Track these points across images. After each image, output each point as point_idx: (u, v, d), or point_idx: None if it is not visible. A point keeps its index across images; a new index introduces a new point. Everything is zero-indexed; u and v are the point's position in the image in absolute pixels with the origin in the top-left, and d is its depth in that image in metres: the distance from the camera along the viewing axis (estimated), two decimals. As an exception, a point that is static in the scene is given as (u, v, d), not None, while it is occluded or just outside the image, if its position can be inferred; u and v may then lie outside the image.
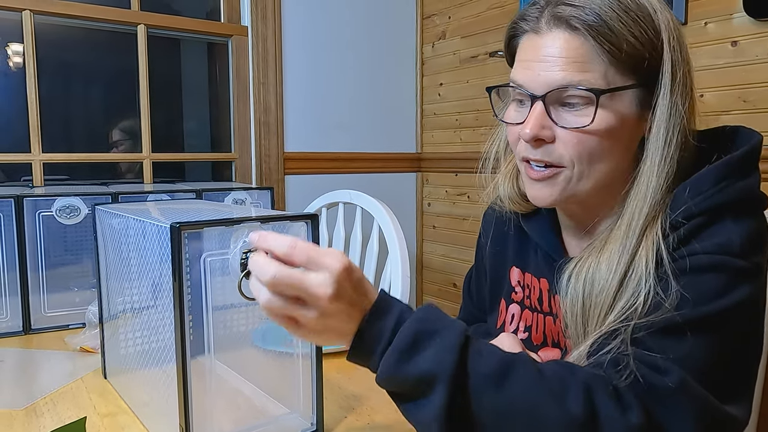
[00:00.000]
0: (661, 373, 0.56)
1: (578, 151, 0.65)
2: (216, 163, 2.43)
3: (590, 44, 0.63)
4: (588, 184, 0.68)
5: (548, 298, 0.78)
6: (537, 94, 0.65)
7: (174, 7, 2.38)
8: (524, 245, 0.83)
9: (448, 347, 0.53)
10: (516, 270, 0.84)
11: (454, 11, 2.46)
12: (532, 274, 0.81)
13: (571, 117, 0.65)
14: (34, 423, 0.75)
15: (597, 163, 0.66)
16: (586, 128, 0.64)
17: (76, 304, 1.20)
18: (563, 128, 0.65)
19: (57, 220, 1.19)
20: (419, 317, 0.55)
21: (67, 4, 1.89)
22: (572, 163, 0.66)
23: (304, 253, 0.53)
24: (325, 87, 2.38)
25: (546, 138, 0.66)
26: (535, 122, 0.65)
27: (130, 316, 0.79)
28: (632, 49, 0.63)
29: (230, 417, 0.68)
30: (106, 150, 2.23)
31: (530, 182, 0.71)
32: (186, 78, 2.68)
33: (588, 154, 0.65)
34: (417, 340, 0.54)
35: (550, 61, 0.64)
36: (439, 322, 0.56)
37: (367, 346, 0.55)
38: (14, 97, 1.96)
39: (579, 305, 0.67)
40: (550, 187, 0.69)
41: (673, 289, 0.59)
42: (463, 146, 2.47)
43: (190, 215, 0.67)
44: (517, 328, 0.82)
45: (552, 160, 0.67)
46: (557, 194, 0.69)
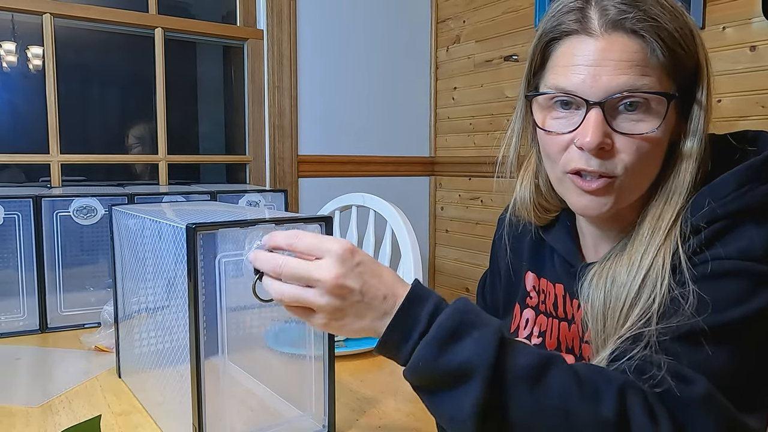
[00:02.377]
0: (687, 383, 0.55)
1: (635, 158, 0.62)
2: (230, 165, 2.45)
3: (648, 49, 0.61)
4: (637, 192, 0.66)
5: (563, 303, 0.77)
6: (593, 100, 0.61)
7: (191, 10, 2.40)
8: (540, 250, 0.82)
9: (487, 340, 0.53)
10: (531, 275, 0.83)
11: (468, 15, 2.46)
12: (548, 280, 0.80)
13: (630, 124, 0.62)
14: (49, 420, 0.76)
15: (647, 170, 0.65)
16: (647, 134, 0.61)
17: (91, 304, 1.21)
18: (623, 135, 0.62)
19: (74, 221, 1.20)
20: (458, 308, 0.55)
21: (85, 8, 1.92)
22: (625, 170, 0.63)
23: (305, 241, 0.55)
24: (340, 90, 2.39)
25: (606, 146, 0.62)
26: (598, 130, 0.61)
27: (145, 316, 0.79)
28: (683, 57, 0.62)
29: (242, 418, 0.68)
30: (122, 152, 2.26)
31: (580, 194, 0.66)
32: (201, 81, 2.71)
33: (643, 162, 0.63)
34: (457, 330, 0.53)
35: (611, 66, 0.61)
36: (478, 315, 0.55)
37: (401, 334, 0.55)
38: (34, 99, 1.99)
39: (599, 308, 0.66)
40: (605, 197, 0.65)
41: (693, 294, 0.58)
42: (477, 150, 2.46)
43: (205, 216, 0.67)
44: (531, 333, 0.81)
45: (607, 171, 0.63)
46: (611, 204, 0.65)
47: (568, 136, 0.64)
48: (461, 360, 0.52)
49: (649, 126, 0.61)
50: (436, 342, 0.53)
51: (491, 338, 0.53)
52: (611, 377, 0.56)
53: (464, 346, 0.52)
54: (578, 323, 0.73)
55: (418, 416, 0.78)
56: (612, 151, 0.63)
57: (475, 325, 0.54)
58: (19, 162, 1.94)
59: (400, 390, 0.87)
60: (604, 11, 0.62)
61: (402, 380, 0.56)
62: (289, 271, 0.55)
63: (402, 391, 0.86)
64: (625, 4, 0.62)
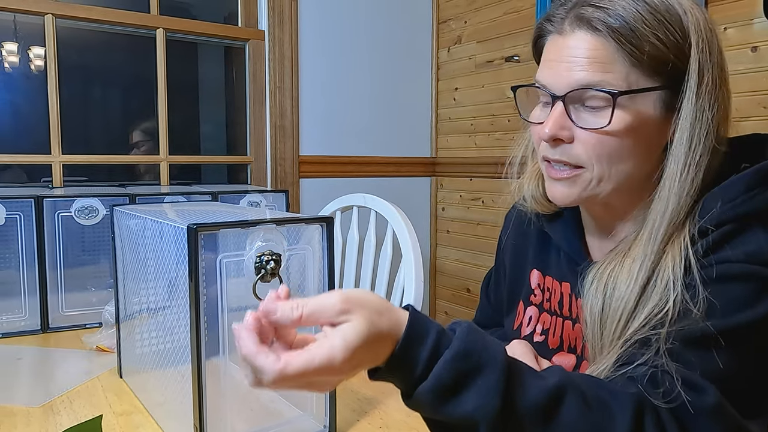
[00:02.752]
0: (698, 393, 0.55)
1: (597, 152, 0.65)
2: (231, 165, 2.45)
3: (612, 46, 0.63)
4: (609, 185, 0.67)
5: (569, 302, 0.77)
6: (558, 94, 0.65)
7: (192, 11, 2.41)
8: (545, 248, 0.82)
9: (491, 388, 0.50)
10: (536, 272, 0.83)
11: (470, 16, 2.46)
12: (554, 278, 0.80)
13: (591, 118, 0.64)
14: (51, 420, 0.76)
15: (617, 165, 0.65)
16: (603, 129, 0.63)
17: (93, 304, 1.22)
18: (582, 129, 0.65)
19: (75, 221, 1.20)
20: (459, 352, 0.50)
21: (87, 8, 1.92)
22: (592, 164, 0.66)
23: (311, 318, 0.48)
24: (341, 91, 2.39)
25: (565, 138, 0.66)
26: (554, 122, 0.65)
27: (146, 317, 0.79)
28: (656, 51, 0.62)
29: (243, 418, 0.68)
30: (124, 152, 2.26)
31: (551, 181, 0.70)
32: (203, 81, 2.71)
33: (607, 155, 0.65)
34: (458, 380, 0.50)
35: (572, 62, 0.64)
36: (482, 354, 0.51)
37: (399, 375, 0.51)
38: (35, 100, 2.00)
39: (598, 310, 0.66)
40: (570, 187, 0.68)
41: (701, 297, 0.58)
42: (478, 151, 2.46)
43: (206, 217, 0.67)
44: (533, 331, 0.81)
45: (570, 161, 0.67)
46: (576, 195, 0.68)
47: (540, 127, 0.68)
48: (464, 413, 0.50)
49: (603, 121, 0.63)
50: (437, 392, 0.50)
51: (495, 386, 0.50)
52: (624, 399, 0.55)
53: (466, 399, 0.50)
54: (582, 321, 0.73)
55: (418, 417, 0.77)
56: (573, 143, 0.66)
57: (478, 370, 0.50)
58: (20, 162, 1.95)
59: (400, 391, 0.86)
60: (577, 11, 0.65)
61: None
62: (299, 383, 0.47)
63: (403, 391, 0.86)
64: (594, 5, 0.64)
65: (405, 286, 1.36)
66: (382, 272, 1.50)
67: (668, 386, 0.55)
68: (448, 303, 2.65)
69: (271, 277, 0.64)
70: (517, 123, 2.27)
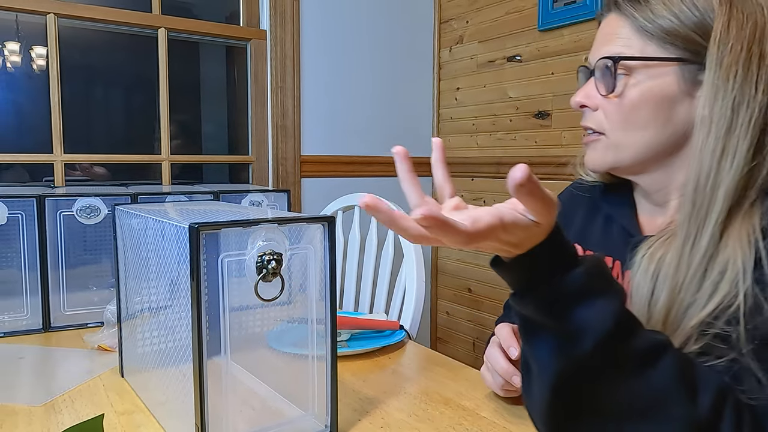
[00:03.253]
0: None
1: (612, 118, 0.71)
2: (233, 165, 2.45)
3: (629, 22, 0.69)
4: (627, 153, 0.71)
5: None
6: (590, 68, 0.74)
7: (194, 11, 2.41)
8: (590, 224, 0.84)
9: (613, 311, 0.50)
10: (578, 247, 0.83)
11: (472, 16, 2.46)
12: (594, 252, 0.80)
13: (605, 86, 0.71)
14: (52, 419, 0.76)
15: (633, 132, 0.70)
16: (610, 96, 0.70)
17: (94, 303, 1.22)
18: (601, 96, 0.72)
19: (77, 220, 1.20)
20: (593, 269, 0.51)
21: (89, 8, 1.92)
22: (609, 129, 0.72)
23: None
24: (343, 91, 2.39)
25: (590, 105, 0.73)
26: (581, 91, 0.74)
27: (148, 316, 0.79)
28: (670, 26, 0.66)
29: (245, 417, 0.68)
30: (125, 151, 2.26)
31: (584, 148, 0.77)
32: (205, 81, 2.71)
33: (622, 122, 0.70)
34: (586, 289, 0.50)
35: (600, 40, 0.73)
36: (609, 281, 0.53)
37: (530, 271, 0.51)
38: (37, 99, 2.00)
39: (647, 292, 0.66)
40: (595, 152, 0.75)
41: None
42: (480, 151, 2.46)
43: (208, 216, 0.67)
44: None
45: (595, 127, 0.73)
46: (599, 159, 0.74)
47: None
48: (581, 318, 0.50)
49: (620, 87, 0.69)
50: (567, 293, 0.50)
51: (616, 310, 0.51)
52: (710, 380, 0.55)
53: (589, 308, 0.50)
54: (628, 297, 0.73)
55: (420, 417, 0.78)
56: (596, 110, 0.73)
57: (605, 291, 0.51)
58: (22, 161, 1.95)
59: (402, 390, 0.87)
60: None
61: (405, 381, 0.56)
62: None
63: (404, 391, 0.86)
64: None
65: (406, 286, 1.36)
66: (384, 272, 1.50)
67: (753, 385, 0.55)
68: (450, 303, 2.65)
69: (272, 276, 0.64)
70: (519, 123, 2.27)
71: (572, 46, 2.05)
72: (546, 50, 2.14)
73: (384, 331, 1.10)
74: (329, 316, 0.70)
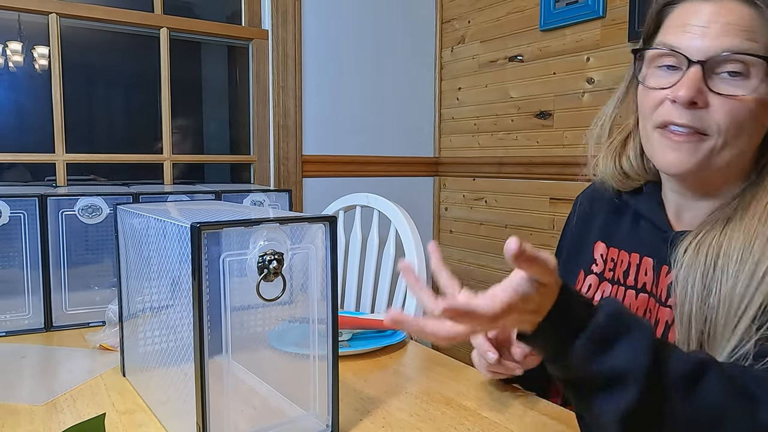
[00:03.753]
0: None
1: (728, 119, 0.64)
2: (235, 165, 2.46)
3: (759, 14, 0.63)
4: (727, 156, 0.67)
5: (636, 272, 0.77)
6: (695, 59, 0.65)
7: (195, 10, 2.41)
8: (616, 221, 0.83)
9: (643, 346, 0.51)
10: (601, 244, 0.83)
11: (473, 15, 2.46)
12: (620, 249, 0.80)
13: (728, 86, 0.64)
14: (54, 419, 0.76)
15: (741, 136, 0.66)
16: (743, 97, 0.64)
17: (96, 303, 1.22)
18: (718, 95, 0.64)
19: (79, 220, 1.20)
20: (613, 312, 0.53)
21: (91, 8, 1.92)
22: (719, 131, 0.65)
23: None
24: (344, 91, 2.39)
25: (700, 102, 0.65)
26: (692, 85, 0.64)
27: (149, 315, 0.80)
28: None
29: (246, 417, 0.68)
30: (127, 151, 2.26)
31: (666, 148, 0.68)
32: (206, 81, 2.72)
33: (737, 125, 0.65)
34: (612, 334, 0.52)
35: (715, 28, 0.64)
36: (633, 318, 0.54)
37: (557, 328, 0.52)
38: (39, 99, 2.00)
39: (698, 278, 0.65)
40: (690, 153, 0.67)
41: None
42: (481, 151, 2.46)
43: (209, 216, 0.67)
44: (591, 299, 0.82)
45: (699, 127, 0.66)
46: (695, 162, 0.67)
47: (665, 92, 0.67)
48: (616, 365, 0.51)
49: (745, 89, 0.63)
50: (593, 343, 0.51)
51: (647, 343, 0.52)
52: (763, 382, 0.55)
53: (620, 352, 0.51)
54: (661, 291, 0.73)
55: (421, 416, 0.78)
56: (706, 109, 0.65)
57: (630, 328, 0.52)
58: (24, 161, 1.95)
59: (403, 390, 0.86)
60: None
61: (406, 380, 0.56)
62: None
63: (406, 391, 0.86)
64: None
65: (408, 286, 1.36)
66: (385, 272, 1.50)
67: None
68: (451, 303, 2.65)
69: (274, 276, 0.64)
70: (520, 123, 2.27)
71: (574, 46, 2.04)
72: (548, 50, 2.14)
73: (385, 330, 1.10)
74: (330, 315, 0.70)
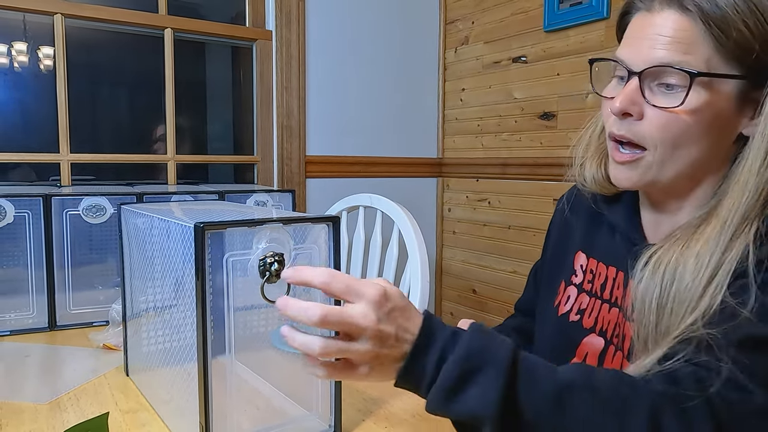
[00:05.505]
0: (746, 393, 0.54)
1: (663, 133, 0.64)
2: (238, 165, 2.46)
3: (699, 27, 0.62)
4: (670, 170, 0.67)
5: (612, 286, 0.77)
6: (635, 70, 0.65)
7: (200, 11, 2.42)
8: (596, 231, 0.82)
9: (492, 386, 0.52)
10: (582, 254, 0.83)
11: (477, 16, 2.46)
12: (600, 261, 0.80)
13: (663, 97, 0.64)
14: (57, 417, 0.77)
15: (681, 149, 0.65)
16: (674, 109, 0.63)
17: (100, 302, 1.22)
18: (653, 107, 0.64)
19: (83, 219, 1.21)
20: (462, 354, 0.53)
21: (96, 8, 1.93)
22: (655, 145, 0.65)
23: (343, 281, 0.53)
24: (348, 91, 2.39)
25: (634, 114, 0.65)
26: (625, 96, 0.65)
27: (153, 315, 0.80)
28: (742, 39, 0.61)
29: (249, 416, 0.69)
30: (131, 151, 2.27)
31: (614, 164, 0.71)
32: (210, 81, 2.72)
33: (672, 138, 0.64)
34: (461, 379, 0.52)
35: (655, 39, 0.64)
36: (484, 354, 0.53)
37: (413, 381, 0.55)
38: (44, 99, 2.01)
39: (654, 297, 0.65)
40: (631, 170, 0.68)
41: (757, 300, 0.56)
42: (485, 152, 2.46)
43: (213, 216, 0.68)
44: (569, 310, 0.81)
45: (634, 138, 0.66)
46: (637, 178, 0.68)
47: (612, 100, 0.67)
48: (468, 409, 0.52)
49: (678, 102, 0.62)
50: (444, 391, 0.52)
51: (497, 383, 0.52)
52: (640, 391, 0.54)
53: (470, 396, 0.52)
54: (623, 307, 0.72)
55: (424, 417, 0.78)
56: (641, 121, 0.66)
57: (480, 369, 0.52)
58: (29, 161, 1.96)
59: (406, 391, 0.86)
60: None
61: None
62: (334, 319, 0.51)
63: (408, 392, 0.86)
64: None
65: (411, 287, 1.36)
66: (388, 272, 1.50)
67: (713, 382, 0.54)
68: (454, 304, 2.65)
69: (276, 278, 0.64)
70: (524, 124, 2.27)
71: (578, 47, 2.04)
72: (552, 51, 2.13)
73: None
74: (333, 316, 0.70)
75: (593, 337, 0.77)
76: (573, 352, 0.79)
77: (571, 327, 0.79)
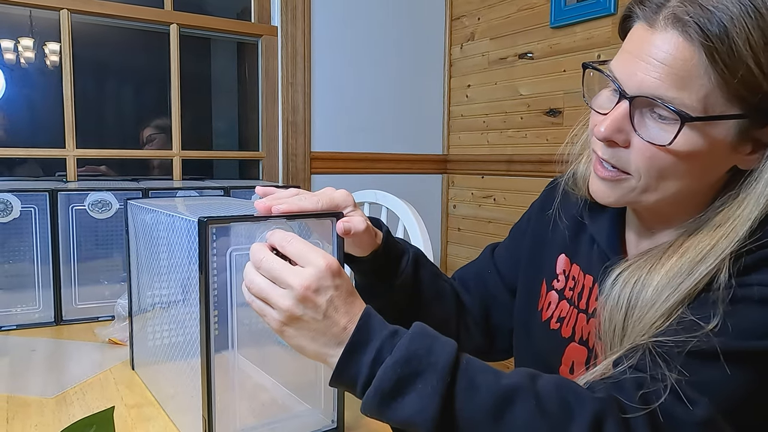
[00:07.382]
0: (688, 404, 0.53)
1: (648, 165, 0.60)
2: (243, 161, 2.46)
3: (701, 59, 0.55)
4: (653, 197, 0.63)
5: (588, 296, 0.75)
6: (627, 94, 0.60)
7: (206, 7, 2.42)
8: (579, 236, 0.79)
9: (430, 393, 0.50)
10: (564, 258, 0.80)
11: (483, 12, 2.45)
12: (580, 268, 0.78)
13: (654, 129, 0.59)
14: (63, 411, 0.77)
15: (667, 181, 0.61)
16: (663, 147, 0.58)
17: (105, 297, 1.23)
18: (640, 138, 0.59)
19: (89, 215, 1.21)
20: (400, 357, 0.52)
21: (102, 4, 1.93)
22: (638, 174, 0.62)
23: (295, 246, 0.56)
24: (353, 87, 2.39)
25: (620, 142, 0.61)
26: (612, 123, 0.60)
27: (158, 310, 0.80)
28: (750, 78, 0.55)
29: (252, 411, 0.69)
30: (137, 147, 2.28)
31: (595, 177, 0.67)
32: (216, 77, 2.73)
33: (658, 171, 0.60)
34: (399, 383, 0.51)
35: (651, 63, 0.57)
36: (424, 359, 0.52)
37: (347, 380, 0.54)
38: (51, 95, 2.02)
39: (623, 311, 0.63)
40: (611, 188, 0.65)
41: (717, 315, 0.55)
42: (490, 148, 2.45)
43: (217, 210, 0.68)
44: (551, 317, 0.80)
45: (619, 165, 0.62)
46: (615, 198, 0.65)
47: (600, 119, 0.63)
48: (404, 417, 0.51)
49: (666, 137, 0.58)
50: (380, 396, 0.51)
51: (434, 390, 0.51)
52: (584, 400, 0.53)
53: (406, 403, 0.51)
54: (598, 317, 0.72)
55: (428, 413, 0.77)
56: (627, 149, 0.61)
57: (419, 375, 0.51)
58: (36, 156, 1.97)
59: (410, 387, 0.86)
60: (676, 7, 0.57)
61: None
62: (267, 266, 0.56)
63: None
64: (700, 6, 0.55)
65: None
66: (393, 269, 1.50)
67: (656, 390, 0.54)
68: (459, 301, 2.64)
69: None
70: (530, 120, 2.26)
71: (584, 44, 2.03)
72: (558, 47, 2.12)
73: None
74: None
75: (575, 348, 0.76)
76: (559, 360, 0.78)
77: (552, 334, 0.78)
